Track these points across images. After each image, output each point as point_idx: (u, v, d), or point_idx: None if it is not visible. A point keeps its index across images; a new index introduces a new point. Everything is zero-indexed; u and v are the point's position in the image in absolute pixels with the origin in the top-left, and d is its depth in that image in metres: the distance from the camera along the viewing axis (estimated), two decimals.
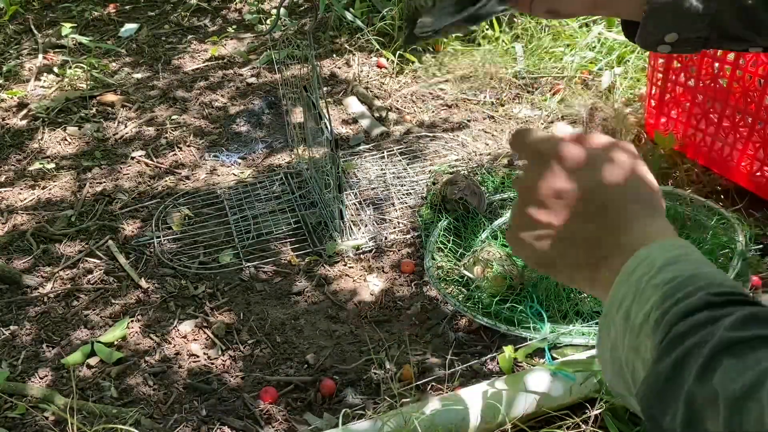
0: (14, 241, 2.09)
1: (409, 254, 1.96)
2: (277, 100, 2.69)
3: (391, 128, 2.51)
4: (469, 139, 2.43)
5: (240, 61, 3.02)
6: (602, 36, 2.77)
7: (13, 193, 2.31)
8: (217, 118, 2.65)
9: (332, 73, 2.87)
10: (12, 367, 1.70)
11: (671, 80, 2.14)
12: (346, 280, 1.89)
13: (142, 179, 2.34)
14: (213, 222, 2.13)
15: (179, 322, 1.79)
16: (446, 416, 1.39)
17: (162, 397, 1.60)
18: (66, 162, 2.44)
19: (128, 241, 2.07)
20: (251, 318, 1.79)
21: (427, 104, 2.62)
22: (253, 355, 1.70)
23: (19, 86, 2.90)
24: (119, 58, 3.09)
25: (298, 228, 2.07)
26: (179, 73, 2.95)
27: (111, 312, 1.84)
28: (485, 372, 1.60)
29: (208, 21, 3.38)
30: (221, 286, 1.89)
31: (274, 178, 2.30)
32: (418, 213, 2.08)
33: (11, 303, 1.88)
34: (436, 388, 1.54)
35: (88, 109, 2.71)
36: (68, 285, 1.93)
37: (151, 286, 1.91)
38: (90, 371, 1.68)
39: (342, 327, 1.76)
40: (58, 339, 1.77)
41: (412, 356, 1.65)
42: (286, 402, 1.57)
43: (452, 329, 1.71)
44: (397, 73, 2.83)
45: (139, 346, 1.73)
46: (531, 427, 1.44)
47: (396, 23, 2.99)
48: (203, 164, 2.41)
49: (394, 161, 2.34)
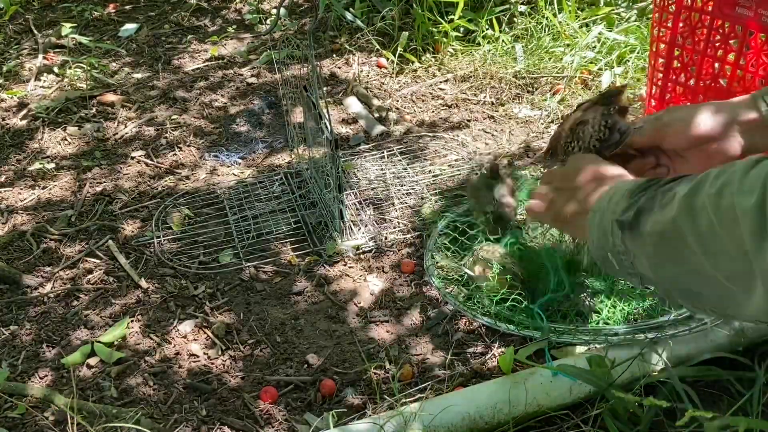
0: (14, 241, 2.10)
1: (409, 254, 1.96)
2: (277, 100, 2.69)
3: (391, 128, 2.51)
4: (469, 139, 2.43)
5: (240, 61, 3.02)
6: (602, 36, 2.77)
7: (13, 193, 2.31)
8: (217, 118, 2.65)
9: (332, 73, 2.87)
10: (12, 367, 1.70)
11: (671, 80, 2.14)
12: (346, 280, 1.89)
13: (142, 179, 2.34)
14: (213, 222, 2.13)
15: (179, 322, 1.79)
16: (446, 416, 1.39)
17: (162, 397, 1.61)
18: (66, 162, 2.44)
19: (128, 241, 2.07)
20: (251, 318, 1.79)
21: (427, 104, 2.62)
22: (253, 355, 1.70)
23: (19, 86, 2.90)
24: (119, 58, 3.09)
25: (298, 228, 2.07)
26: (179, 73, 2.95)
27: (111, 312, 1.84)
28: (485, 372, 1.60)
29: (208, 21, 3.38)
30: (221, 286, 1.89)
31: (274, 178, 2.30)
32: (418, 215, 2.08)
33: (11, 303, 1.89)
34: (436, 388, 1.54)
35: (88, 109, 2.71)
36: (68, 285, 1.93)
37: (151, 286, 1.91)
38: (90, 371, 1.68)
39: (342, 327, 1.76)
40: (58, 339, 1.77)
41: (412, 356, 1.65)
42: (286, 402, 1.57)
43: (452, 329, 1.71)
44: (397, 73, 2.83)
45: (139, 346, 1.73)
46: (531, 427, 1.44)
47: (396, 23, 2.99)
48: (203, 164, 2.41)
49: (394, 161, 2.34)
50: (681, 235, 0.66)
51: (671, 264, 0.70)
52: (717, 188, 0.63)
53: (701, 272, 0.66)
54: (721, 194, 0.62)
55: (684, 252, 0.67)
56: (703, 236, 0.63)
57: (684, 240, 0.66)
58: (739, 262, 0.59)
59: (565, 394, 1.44)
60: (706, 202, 0.63)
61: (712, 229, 0.62)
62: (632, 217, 0.75)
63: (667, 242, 0.69)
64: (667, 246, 0.70)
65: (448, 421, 1.39)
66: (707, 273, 0.65)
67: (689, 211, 0.65)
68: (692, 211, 0.65)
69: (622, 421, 1.40)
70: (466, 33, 2.97)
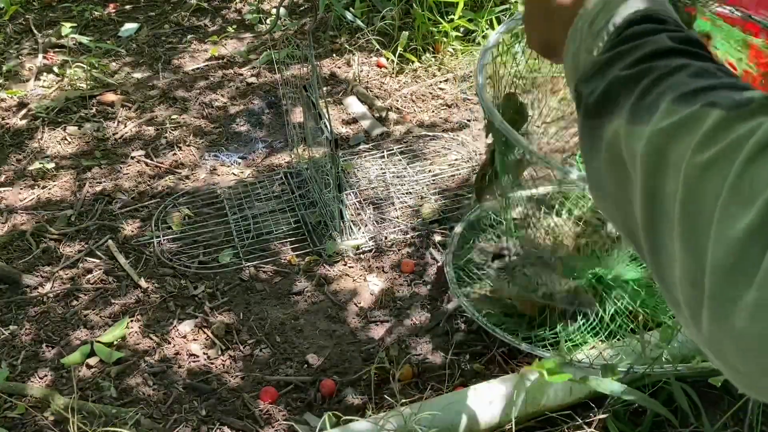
0: (14, 241, 2.09)
1: (409, 254, 1.96)
2: (277, 100, 2.69)
3: (391, 128, 2.51)
4: (469, 139, 2.43)
5: (240, 61, 3.01)
6: None
7: (13, 192, 2.31)
8: (217, 118, 2.65)
9: (332, 73, 2.87)
10: (12, 367, 1.70)
11: None
12: (346, 280, 1.89)
13: (141, 179, 2.34)
14: (213, 222, 2.13)
15: (179, 322, 1.79)
16: (446, 416, 1.39)
17: (162, 397, 1.60)
18: (66, 162, 2.44)
19: (128, 241, 2.07)
20: (251, 318, 1.79)
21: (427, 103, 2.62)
22: (253, 355, 1.70)
23: (19, 86, 2.90)
24: (119, 58, 3.08)
25: (298, 228, 2.07)
26: (179, 73, 2.95)
27: (110, 312, 1.84)
28: (485, 372, 1.59)
29: (208, 21, 3.38)
30: (221, 286, 1.89)
31: (274, 178, 2.30)
32: (419, 216, 2.07)
33: (11, 303, 1.88)
34: (436, 388, 1.54)
35: (88, 109, 2.71)
36: (68, 285, 1.93)
37: (150, 286, 1.90)
38: (90, 371, 1.68)
39: (342, 327, 1.76)
40: (58, 339, 1.77)
41: (412, 356, 1.65)
42: (286, 402, 1.57)
43: (452, 329, 1.71)
44: (397, 72, 2.83)
45: (138, 346, 1.73)
46: (531, 427, 1.44)
47: (396, 23, 2.98)
48: (203, 164, 2.41)
49: (394, 161, 2.34)
50: (635, 176, 0.47)
51: (615, 186, 0.50)
52: (706, 159, 0.41)
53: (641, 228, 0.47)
54: (704, 173, 0.41)
55: (630, 192, 0.47)
56: (658, 197, 0.44)
57: (636, 184, 0.47)
58: (692, 263, 0.41)
59: (566, 394, 1.44)
60: (683, 166, 0.42)
61: (675, 204, 0.42)
62: (593, 104, 0.53)
63: (620, 168, 0.49)
64: (617, 170, 0.50)
65: (448, 421, 1.39)
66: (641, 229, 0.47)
67: (658, 157, 0.44)
68: (663, 159, 0.44)
69: (622, 421, 1.40)
70: (466, 33, 2.97)
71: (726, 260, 0.38)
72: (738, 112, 0.42)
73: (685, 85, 0.47)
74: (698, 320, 0.41)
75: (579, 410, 1.45)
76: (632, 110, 0.48)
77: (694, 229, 0.41)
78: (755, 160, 0.38)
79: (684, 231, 0.42)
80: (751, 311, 0.36)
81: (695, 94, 0.45)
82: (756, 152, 0.39)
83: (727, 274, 0.38)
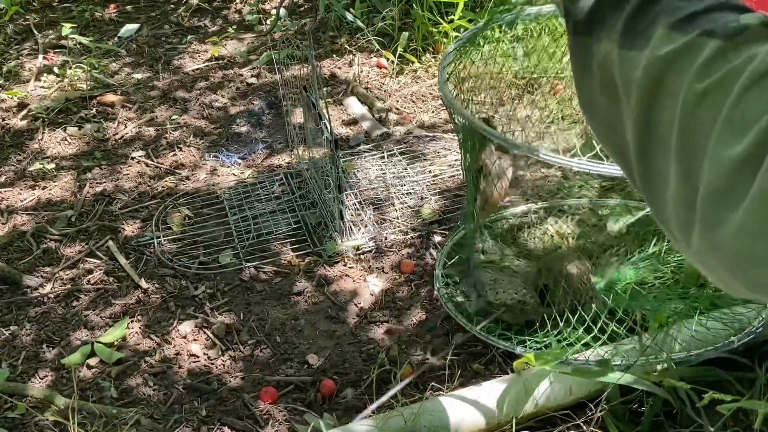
0: (14, 242, 2.10)
1: (409, 254, 1.96)
2: (277, 101, 2.69)
3: (391, 129, 2.51)
4: None
5: (240, 62, 3.02)
6: None
7: (13, 193, 2.31)
8: (217, 119, 2.65)
9: (332, 73, 2.87)
10: (12, 367, 1.70)
11: None
12: (346, 281, 1.89)
13: (142, 179, 2.34)
14: (213, 222, 2.13)
15: (179, 322, 1.79)
16: (446, 416, 1.39)
17: (162, 397, 1.61)
18: (66, 162, 2.44)
19: (128, 242, 2.07)
20: (251, 318, 1.79)
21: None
22: (253, 355, 1.70)
23: (19, 86, 2.90)
24: (119, 59, 3.09)
25: (298, 228, 2.07)
26: (179, 74, 2.95)
27: (111, 312, 1.84)
28: (485, 372, 1.59)
29: (209, 21, 3.38)
30: (221, 286, 1.89)
31: (274, 179, 2.30)
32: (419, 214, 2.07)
33: (11, 303, 1.89)
34: (436, 388, 1.54)
35: (88, 110, 2.71)
36: (68, 285, 1.93)
37: (151, 287, 1.91)
38: (90, 371, 1.68)
39: (342, 327, 1.76)
40: (58, 339, 1.77)
41: (412, 356, 1.65)
42: (286, 402, 1.57)
43: (452, 329, 1.71)
44: (397, 73, 2.83)
45: (139, 347, 1.73)
46: (531, 427, 1.44)
47: (396, 23, 2.99)
48: (203, 164, 2.41)
49: (395, 161, 2.34)
50: (630, 100, 0.47)
51: (607, 106, 0.50)
52: (702, 89, 0.42)
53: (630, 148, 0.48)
54: (702, 101, 0.42)
55: (622, 113, 0.48)
56: (653, 122, 0.45)
57: (630, 108, 0.47)
58: (686, 185, 0.43)
59: (566, 394, 1.44)
60: (681, 94, 0.43)
61: (673, 129, 0.44)
62: (583, 21, 0.52)
63: (612, 90, 0.49)
64: (610, 92, 0.50)
65: (448, 422, 1.39)
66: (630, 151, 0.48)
67: (655, 84, 0.45)
68: (660, 87, 0.45)
69: (622, 421, 1.40)
70: None
71: (718, 183, 0.40)
72: (733, 41, 0.43)
73: (678, 10, 0.46)
74: (688, 237, 0.44)
75: (578, 411, 1.45)
76: (625, 33, 0.48)
77: (689, 154, 0.43)
78: (750, 89, 0.40)
79: (680, 155, 0.44)
80: (736, 231, 0.39)
81: (690, 20, 0.46)
82: (750, 83, 0.41)
83: (718, 196, 0.41)
